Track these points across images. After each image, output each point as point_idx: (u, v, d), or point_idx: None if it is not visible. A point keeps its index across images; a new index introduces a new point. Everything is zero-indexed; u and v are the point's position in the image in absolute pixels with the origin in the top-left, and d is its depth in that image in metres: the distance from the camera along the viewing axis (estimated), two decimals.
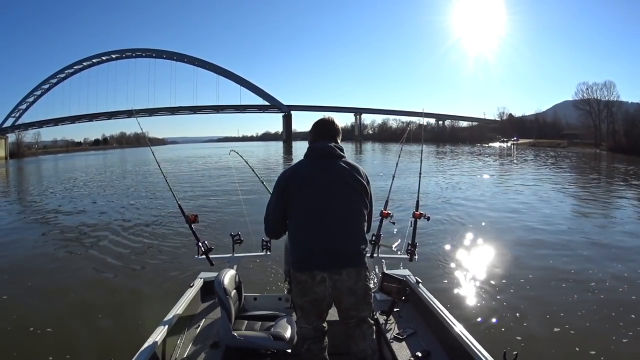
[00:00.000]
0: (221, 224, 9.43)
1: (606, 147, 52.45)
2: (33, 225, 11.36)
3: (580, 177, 21.40)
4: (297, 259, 2.21)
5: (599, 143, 56.94)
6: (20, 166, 53.87)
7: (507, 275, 5.78)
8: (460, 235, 8.07)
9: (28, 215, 13.32)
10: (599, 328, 4.23)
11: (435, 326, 2.75)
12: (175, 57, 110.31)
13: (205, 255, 3.39)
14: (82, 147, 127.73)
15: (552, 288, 5.32)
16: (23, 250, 8.25)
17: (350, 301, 2.17)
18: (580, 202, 12.57)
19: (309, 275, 2.14)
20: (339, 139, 2.39)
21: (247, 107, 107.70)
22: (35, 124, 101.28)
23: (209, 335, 2.82)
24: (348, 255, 2.16)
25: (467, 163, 31.58)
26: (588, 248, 7.16)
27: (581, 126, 66.29)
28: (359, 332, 2.24)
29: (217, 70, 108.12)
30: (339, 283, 2.13)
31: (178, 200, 3.54)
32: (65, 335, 4.38)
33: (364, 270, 2.20)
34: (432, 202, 11.96)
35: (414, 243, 3.39)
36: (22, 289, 5.88)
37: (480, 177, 20.37)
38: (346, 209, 2.19)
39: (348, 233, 2.17)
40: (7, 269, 6.97)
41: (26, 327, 4.59)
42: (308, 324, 2.27)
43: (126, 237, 8.88)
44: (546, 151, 51.21)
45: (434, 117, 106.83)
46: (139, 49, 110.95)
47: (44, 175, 34.87)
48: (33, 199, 17.83)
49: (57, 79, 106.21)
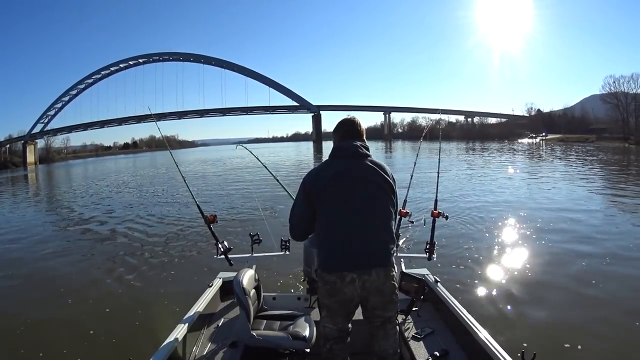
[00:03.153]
0: (240, 223, 9.52)
1: (634, 141, 50.57)
2: (54, 226, 11.83)
3: (610, 173, 20.60)
4: (325, 259, 2.18)
5: (627, 137, 54.98)
6: (50, 170, 56.01)
7: (528, 277, 5.62)
8: (480, 235, 7.90)
9: (52, 215, 13.88)
10: (626, 336, 4.04)
11: (453, 326, 2.72)
12: (202, 60, 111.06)
13: (225, 255, 3.41)
14: (112, 150, 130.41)
15: (575, 292, 5.10)
16: (44, 250, 8.57)
17: (377, 301, 2.14)
18: (611, 201, 12.03)
19: (338, 276, 2.11)
20: (364, 137, 2.36)
21: (276, 108, 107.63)
22: (64, 129, 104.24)
23: (227, 335, 2.85)
24: (377, 255, 2.13)
25: (495, 159, 30.99)
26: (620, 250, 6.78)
27: (609, 120, 64.12)
28: (382, 332, 2.21)
29: (245, 72, 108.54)
30: (368, 283, 2.10)
31: (197, 201, 3.59)
32: (84, 333, 4.46)
33: (392, 269, 2.17)
34: (453, 199, 11.77)
35: (432, 242, 3.34)
36: (45, 288, 6.13)
37: (506, 173, 19.83)
38: (373, 208, 2.16)
39: (376, 232, 2.14)
40: (31, 268, 7.32)
41: (46, 324, 4.76)
42: (334, 325, 2.23)
43: (147, 238, 9.11)
44: (575, 146, 49.59)
45: (462, 114, 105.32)
46: (166, 53, 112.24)
47: (72, 179, 36.04)
48: (59, 201, 18.50)
49: (85, 84, 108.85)
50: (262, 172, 4.27)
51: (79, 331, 4.52)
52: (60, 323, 4.81)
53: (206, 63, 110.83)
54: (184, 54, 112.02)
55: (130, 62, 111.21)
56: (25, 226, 11.98)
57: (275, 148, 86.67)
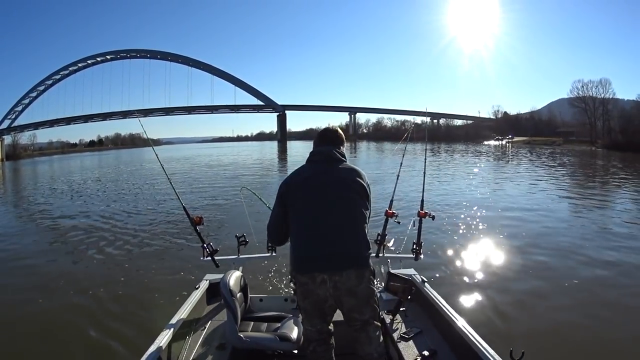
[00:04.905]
0: (226, 225, 9.36)
1: (602, 145, 52.66)
2: (29, 227, 11.29)
3: (578, 175, 21.47)
4: (297, 261, 2.22)
5: (594, 140, 57.12)
6: (17, 167, 53.67)
7: (513, 274, 5.77)
8: (465, 235, 8.06)
9: (25, 217, 13.21)
10: (606, 328, 4.24)
11: (441, 325, 2.75)
12: (169, 57, 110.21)
13: (211, 257, 3.37)
14: (78, 148, 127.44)
15: (557, 287, 5.30)
16: (19, 253, 8.18)
17: (351, 303, 2.17)
18: (579, 201, 12.56)
19: (310, 277, 2.15)
20: (342, 146, 2.44)
21: (242, 107, 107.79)
22: (31, 126, 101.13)
23: (215, 337, 2.82)
24: (348, 257, 2.14)
25: (459, 161, 31.82)
26: (589, 246, 7.15)
27: (576, 124, 66.32)
28: (364, 336, 2.23)
29: (211, 71, 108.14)
30: (340, 284, 2.12)
31: (183, 202, 3.51)
32: (69, 339, 4.34)
33: (367, 272, 2.18)
34: (435, 200, 11.95)
35: (419, 242, 3.37)
36: (24, 293, 5.84)
37: (474, 175, 20.36)
38: (345, 210, 2.19)
39: (348, 235, 2.16)
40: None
41: (26, 330, 4.57)
42: (311, 326, 2.28)
43: (130, 240, 8.76)
44: (541, 149, 51.36)
45: (429, 116, 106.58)
46: (134, 50, 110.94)
47: (40, 176, 34.76)
48: (30, 200, 17.73)
49: (53, 80, 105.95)
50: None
51: (64, 337, 4.41)
52: (42, 327, 4.65)
53: (173, 61, 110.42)
54: (152, 51, 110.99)
55: (98, 59, 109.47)
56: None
57: (239, 148, 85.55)
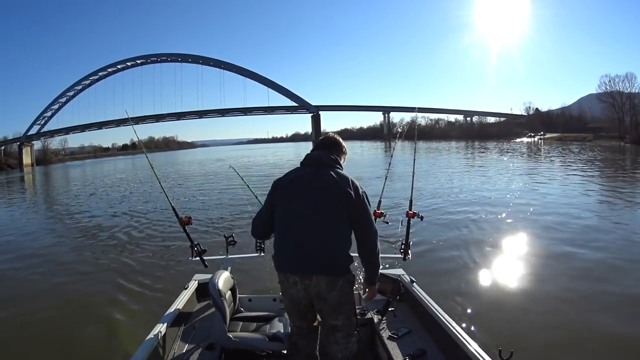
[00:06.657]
0: (215, 225, 9.41)
1: (630, 140, 50.83)
2: (31, 229, 11.48)
3: (602, 170, 20.70)
4: (274, 258, 2.27)
5: (623, 136, 55.30)
6: (46, 172, 55.64)
7: (502, 273, 5.69)
8: (455, 234, 7.89)
9: (29, 219, 13.56)
10: (600, 322, 4.18)
11: (430, 325, 2.73)
12: (200, 60, 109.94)
13: (200, 257, 3.41)
14: (111, 152, 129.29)
15: (549, 284, 5.21)
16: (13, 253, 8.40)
17: (321, 306, 2.21)
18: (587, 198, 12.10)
19: (284, 276, 2.22)
20: (341, 154, 2.41)
21: (276, 108, 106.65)
22: (62, 131, 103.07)
23: (204, 337, 2.84)
24: (319, 262, 2.15)
25: (494, 158, 31.15)
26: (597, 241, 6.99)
27: (605, 119, 64.33)
28: (331, 337, 2.28)
29: (243, 73, 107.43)
30: (310, 288, 2.16)
31: (172, 202, 3.55)
32: (59, 338, 4.39)
33: (341, 280, 2.17)
34: (431, 199, 11.83)
35: (407, 242, 3.35)
36: (15, 290, 6.05)
37: (499, 174, 19.81)
38: (323, 216, 2.17)
39: (321, 240, 2.16)
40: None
41: (21, 327, 4.68)
42: (292, 322, 2.38)
43: (120, 240, 8.87)
44: (572, 145, 49.84)
45: (462, 114, 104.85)
46: (164, 54, 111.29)
47: (70, 180, 35.81)
48: (48, 203, 18.45)
49: (82, 85, 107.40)
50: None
51: (53, 336, 4.47)
52: (33, 325, 4.75)
53: (204, 64, 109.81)
54: (182, 55, 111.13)
55: (128, 64, 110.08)
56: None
57: (274, 149, 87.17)
